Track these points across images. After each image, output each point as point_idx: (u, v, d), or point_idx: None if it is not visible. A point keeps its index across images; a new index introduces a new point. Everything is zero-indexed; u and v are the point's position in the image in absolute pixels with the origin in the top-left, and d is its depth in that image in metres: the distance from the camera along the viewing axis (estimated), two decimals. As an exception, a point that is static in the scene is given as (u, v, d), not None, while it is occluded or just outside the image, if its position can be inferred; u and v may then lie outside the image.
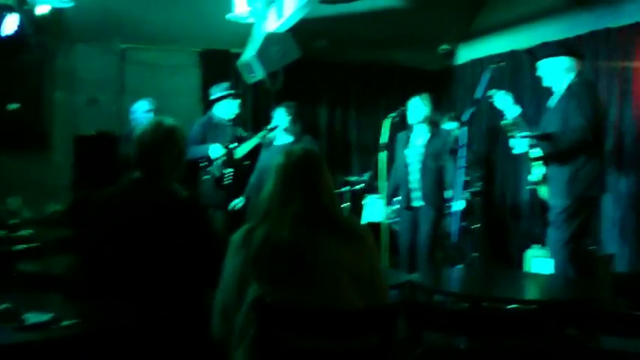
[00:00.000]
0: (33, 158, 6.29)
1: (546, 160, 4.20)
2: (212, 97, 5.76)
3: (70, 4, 4.88)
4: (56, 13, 5.55)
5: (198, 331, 2.33)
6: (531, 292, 3.55)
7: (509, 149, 4.52)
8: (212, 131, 5.62)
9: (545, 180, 4.26)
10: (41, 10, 5.11)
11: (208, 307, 2.33)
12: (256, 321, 2.02)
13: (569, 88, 4.13)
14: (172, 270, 2.34)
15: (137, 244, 2.33)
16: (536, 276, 4.22)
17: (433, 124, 5.20)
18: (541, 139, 4.16)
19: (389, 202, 5.36)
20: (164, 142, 2.48)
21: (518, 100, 6.40)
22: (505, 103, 4.35)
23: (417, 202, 5.15)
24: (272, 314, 2.02)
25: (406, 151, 5.23)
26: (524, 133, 4.22)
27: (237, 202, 5.43)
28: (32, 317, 2.12)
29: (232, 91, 5.70)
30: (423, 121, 5.17)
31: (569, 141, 4.01)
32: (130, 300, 2.30)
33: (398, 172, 5.30)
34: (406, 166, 5.21)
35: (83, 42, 6.47)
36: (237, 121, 5.81)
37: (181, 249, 2.36)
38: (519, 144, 4.29)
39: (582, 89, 4.09)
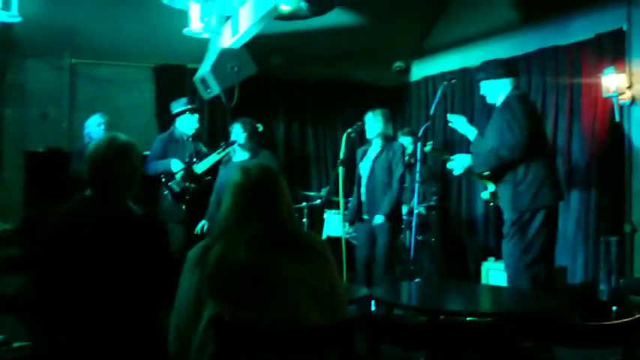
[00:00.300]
0: (-18, 175, 6.11)
1: (493, 176, 4.28)
2: (172, 113, 5.71)
3: (18, 19, 4.76)
4: (5, 27, 5.42)
5: (152, 351, 2.28)
6: (488, 305, 3.60)
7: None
8: (173, 146, 5.57)
9: (496, 196, 4.34)
10: (-11, 24, 4.98)
11: (163, 326, 2.28)
12: (214, 339, 1.98)
13: (504, 103, 4.21)
14: (126, 289, 2.29)
15: (89, 263, 2.27)
16: (492, 288, 4.28)
17: (386, 139, 5.27)
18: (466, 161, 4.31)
19: (350, 217, 5.39)
20: (117, 158, 2.42)
21: (470, 115, 6.60)
22: (462, 125, 4.44)
23: (365, 216, 5.21)
24: (230, 332, 1.99)
25: (360, 165, 5.29)
26: (447, 157, 4.41)
27: (203, 224, 5.36)
28: (-19, 340, 2.04)
29: (190, 106, 5.65)
30: (377, 136, 5.24)
31: (498, 157, 4.09)
32: (82, 321, 2.24)
33: (356, 186, 5.35)
34: (359, 179, 5.28)
35: (33, 57, 6.35)
36: (197, 136, 5.76)
37: (135, 268, 2.30)
38: (454, 166, 4.38)
39: (513, 103, 4.14)
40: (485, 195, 4.48)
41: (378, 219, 5.05)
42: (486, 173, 4.30)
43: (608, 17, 5.27)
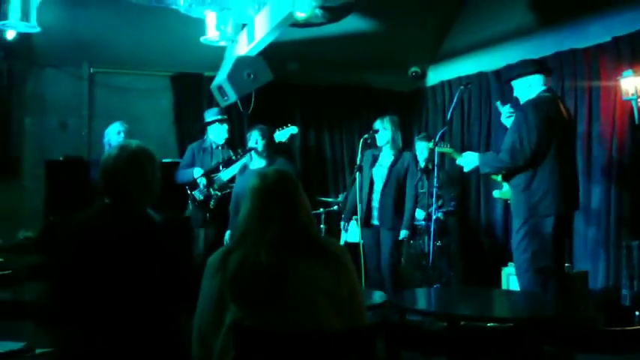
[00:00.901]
0: (3, 184, 6.18)
1: (504, 177, 4.27)
2: (204, 121, 5.78)
3: (37, 30, 4.83)
4: (24, 37, 5.50)
5: (174, 356, 2.29)
6: (508, 310, 3.57)
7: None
8: (201, 155, 5.66)
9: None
10: (9, 35, 5.05)
11: (184, 332, 2.29)
12: (235, 345, 1.99)
13: (524, 104, 4.16)
14: (145, 296, 2.30)
15: (109, 271, 2.28)
16: (512, 294, 4.25)
17: (398, 147, 5.28)
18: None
19: (348, 216, 5.42)
20: (129, 166, 2.43)
21: (487, 120, 6.57)
22: (508, 120, 4.37)
23: (375, 222, 5.21)
24: (251, 338, 2.00)
25: (373, 170, 5.28)
26: (455, 154, 4.51)
27: (230, 235, 5.40)
28: (4, 346, 2.06)
29: (219, 117, 5.70)
30: (387, 143, 5.24)
31: (500, 161, 4.06)
32: (103, 327, 2.25)
33: (363, 190, 5.30)
34: (372, 184, 5.27)
35: (52, 66, 6.42)
36: (229, 144, 5.80)
37: (154, 274, 2.32)
38: (464, 163, 4.39)
39: (527, 108, 4.08)
40: (495, 193, 4.47)
41: (404, 233, 5.16)
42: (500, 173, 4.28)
43: (625, 20, 5.23)
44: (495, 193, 4.49)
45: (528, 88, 4.19)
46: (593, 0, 5.48)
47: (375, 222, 5.22)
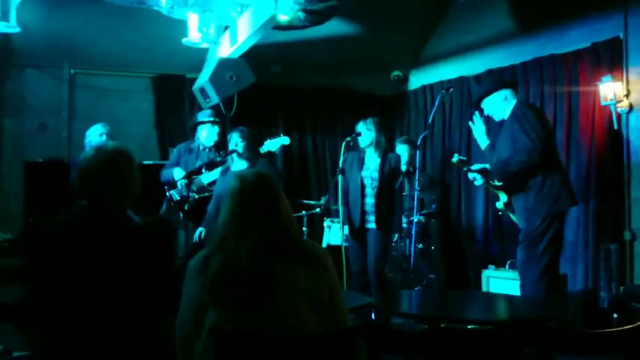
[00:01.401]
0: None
1: (507, 187, 4.30)
2: (193, 123, 5.75)
3: (17, 30, 4.78)
4: (4, 38, 5.44)
5: (154, 359, 2.28)
6: (488, 313, 3.59)
7: (464, 173, 4.62)
8: (186, 156, 5.63)
9: (510, 206, 4.35)
10: (-12, 35, 5.00)
11: (166, 334, 2.27)
12: (215, 348, 1.98)
13: (512, 113, 4.25)
14: (125, 298, 2.28)
15: (87, 273, 2.26)
16: (492, 296, 4.28)
17: (382, 148, 5.27)
18: (482, 174, 4.31)
19: (344, 224, 5.37)
20: (106, 168, 2.39)
21: (467, 124, 6.62)
22: (480, 132, 4.45)
23: (370, 225, 5.18)
24: (231, 341, 1.99)
25: (363, 173, 5.25)
26: (473, 167, 4.37)
27: (200, 231, 5.35)
28: (-20, 350, 2.04)
29: (211, 119, 5.67)
30: (370, 145, 5.23)
31: (516, 163, 4.10)
32: (81, 330, 2.23)
33: (347, 195, 5.28)
34: (363, 188, 5.23)
35: (32, 67, 6.36)
36: (217, 147, 5.76)
37: (133, 276, 2.29)
38: (476, 176, 4.39)
39: (523, 111, 4.19)
40: (499, 205, 4.49)
41: (396, 237, 5.15)
42: (500, 184, 4.32)
43: (604, 26, 5.30)
44: (499, 205, 4.51)
45: (504, 101, 4.29)
46: (573, 6, 5.55)
47: (372, 225, 5.17)
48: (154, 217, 5.25)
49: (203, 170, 5.39)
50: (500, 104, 4.31)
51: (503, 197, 4.36)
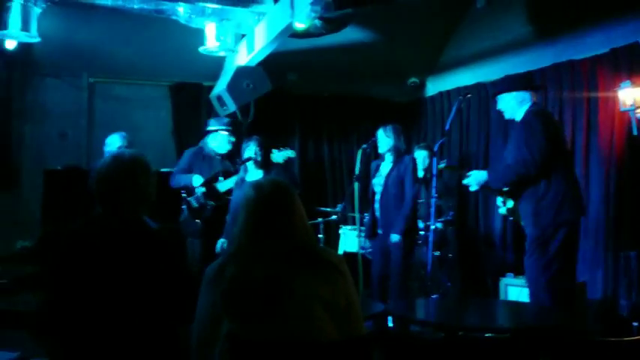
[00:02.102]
0: (2, 193, 6.18)
1: (511, 193, 4.26)
2: (207, 129, 5.74)
3: (37, 40, 4.85)
4: (25, 47, 5.52)
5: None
6: (506, 321, 3.56)
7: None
8: (199, 162, 5.60)
9: (516, 211, 4.30)
10: (9, 45, 5.08)
11: (182, 341, 2.28)
12: (230, 355, 1.98)
13: (522, 119, 4.20)
14: (142, 305, 2.29)
15: (103, 280, 2.27)
16: (510, 304, 4.24)
17: (398, 153, 5.25)
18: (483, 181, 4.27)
19: (368, 232, 5.37)
20: (123, 176, 2.42)
21: (485, 131, 6.58)
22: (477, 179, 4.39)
23: (380, 230, 5.19)
24: (247, 349, 1.99)
25: (374, 180, 5.28)
26: (469, 174, 4.35)
27: (222, 242, 5.37)
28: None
29: (226, 127, 5.66)
30: (389, 151, 5.23)
31: (515, 173, 4.08)
32: (98, 337, 2.25)
33: (369, 202, 5.33)
34: (373, 194, 5.26)
35: (52, 76, 6.44)
36: (228, 156, 5.77)
37: (150, 282, 2.31)
38: (470, 182, 4.35)
39: (532, 119, 4.13)
40: (502, 210, 4.46)
41: (394, 237, 5.04)
42: (505, 189, 4.28)
43: (623, 31, 5.25)
44: (502, 210, 4.48)
45: (519, 103, 4.24)
46: (591, 11, 5.50)
47: (379, 231, 5.19)
48: (164, 225, 5.25)
49: (220, 179, 5.41)
50: (514, 105, 4.26)
51: (509, 203, 4.32)
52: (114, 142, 5.53)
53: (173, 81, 6.89)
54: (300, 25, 4.50)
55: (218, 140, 5.65)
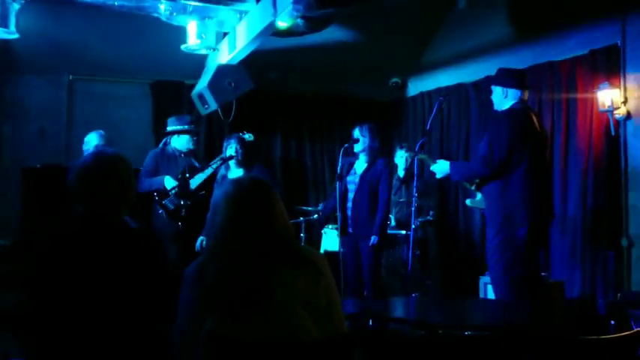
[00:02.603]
0: (-21, 191, 6.10)
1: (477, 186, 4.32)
2: (168, 129, 5.68)
3: (16, 36, 4.79)
4: (3, 44, 5.45)
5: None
6: (485, 319, 3.59)
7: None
8: (165, 162, 5.53)
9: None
10: (-14, 41, 5.02)
11: (162, 341, 2.27)
12: (212, 356, 1.98)
13: (497, 114, 4.25)
14: (123, 304, 2.28)
15: (85, 279, 2.26)
16: (490, 302, 4.28)
17: (373, 154, 5.27)
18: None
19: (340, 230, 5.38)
20: (106, 175, 2.40)
21: (466, 131, 6.63)
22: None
23: (350, 230, 5.20)
24: (228, 348, 1.99)
25: (348, 178, 5.28)
26: (438, 161, 4.45)
27: (201, 240, 5.32)
28: (-23, 356, 2.03)
29: (187, 127, 5.62)
30: (363, 151, 5.24)
31: (470, 170, 4.13)
32: (79, 336, 2.23)
33: (338, 199, 5.29)
34: (346, 193, 5.26)
35: (31, 73, 6.36)
36: (191, 152, 5.75)
37: (131, 282, 2.29)
38: (436, 170, 4.43)
39: (501, 118, 4.17)
40: (468, 202, 4.52)
41: (373, 240, 5.08)
42: (467, 183, 4.35)
43: (602, 33, 5.32)
44: (468, 202, 4.55)
45: (504, 98, 4.26)
46: (571, 13, 5.57)
47: (350, 230, 5.20)
48: (142, 226, 5.19)
49: (187, 176, 5.33)
50: (500, 98, 4.29)
51: (478, 195, 4.38)
52: (92, 141, 5.48)
53: (154, 79, 6.83)
54: (282, 24, 4.50)
55: (181, 140, 5.61)
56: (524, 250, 4.01)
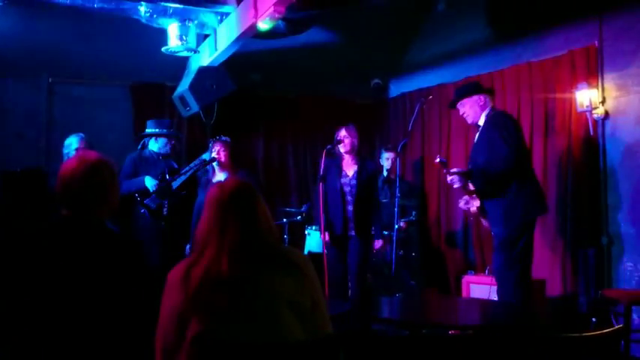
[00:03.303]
0: (-44, 196, 6.00)
1: (480, 192, 4.34)
2: (147, 131, 5.64)
3: (-6, 39, 4.74)
4: (-19, 47, 5.39)
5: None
6: (469, 318, 3.62)
7: (443, 179, 4.66)
8: (143, 164, 5.49)
9: (483, 211, 4.38)
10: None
11: (143, 345, 2.26)
12: (197, 357, 1.97)
13: (489, 119, 4.34)
14: (105, 308, 2.27)
15: (67, 283, 2.24)
16: (473, 302, 4.31)
17: (360, 155, 5.30)
18: (466, 176, 4.33)
19: (323, 232, 5.36)
20: (87, 178, 2.38)
21: (447, 132, 6.67)
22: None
23: (351, 232, 5.19)
24: (213, 351, 1.98)
25: (342, 181, 5.27)
26: (453, 170, 4.39)
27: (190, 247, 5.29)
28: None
29: (166, 131, 5.59)
30: (348, 152, 5.25)
31: (494, 169, 4.16)
32: (59, 341, 2.21)
33: (331, 202, 5.29)
34: (344, 196, 5.24)
35: (10, 76, 6.28)
36: (169, 155, 5.70)
37: (114, 287, 2.28)
38: (455, 180, 4.40)
39: (503, 119, 4.32)
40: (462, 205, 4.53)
41: (378, 243, 5.23)
42: (472, 189, 4.36)
43: (580, 34, 5.39)
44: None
45: (481, 107, 4.40)
46: (550, 14, 5.63)
47: (353, 233, 5.18)
48: (123, 228, 5.15)
49: (167, 178, 5.31)
50: (477, 108, 4.40)
51: (476, 202, 4.41)
52: (72, 144, 5.43)
53: (134, 81, 6.76)
54: (263, 26, 4.50)
55: (158, 143, 5.59)
56: (527, 246, 4.17)
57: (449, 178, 4.41)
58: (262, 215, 2.24)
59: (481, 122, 4.40)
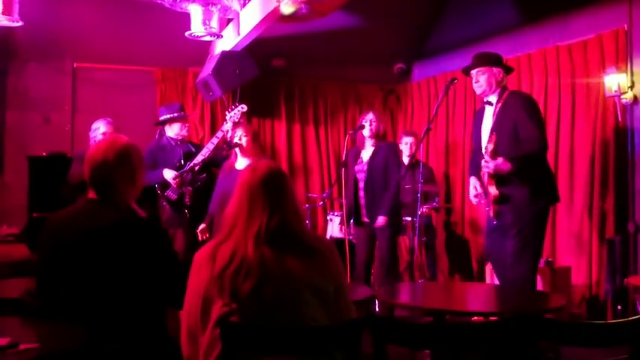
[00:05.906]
0: (-15, 180, 6.12)
1: (512, 174, 4.19)
2: (161, 119, 5.62)
3: (19, 24, 4.78)
4: (6, 32, 5.44)
5: (159, 351, 2.29)
6: (493, 304, 3.59)
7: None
8: (161, 154, 5.43)
9: (502, 197, 4.23)
10: (-10, 29, 5.00)
11: (171, 327, 2.28)
12: (221, 339, 1.99)
13: (509, 99, 4.15)
14: (131, 290, 2.29)
15: (94, 266, 2.27)
16: (496, 288, 4.28)
17: (379, 139, 5.22)
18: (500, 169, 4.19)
19: (347, 219, 5.33)
20: (117, 161, 2.41)
21: (471, 117, 6.60)
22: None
23: (367, 219, 5.15)
24: (237, 332, 2.00)
25: (357, 167, 5.24)
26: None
27: (201, 228, 5.26)
28: (-13, 342, 2.05)
29: (177, 115, 5.54)
30: (371, 137, 5.19)
31: (527, 151, 4.03)
32: (89, 322, 2.24)
33: (348, 189, 5.28)
34: (357, 182, 5.22)
35: (35, 61, 6.35)
36: (187, 139, 5.65)
37: (140, 269, 2.31)
38: (489, 167, 4.16)
39: (530, 100, 4.21)
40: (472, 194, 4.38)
41: (381, 220, 5.01)
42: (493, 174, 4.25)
43: (609, 17, 5.28)
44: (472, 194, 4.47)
45: (498, 81, 4.21)
46: (577, -4, 5.53)
47: (366, 219, 5.16)
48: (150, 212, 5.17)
49: (182, 162, 5.27)
50: (492, 81, 4.20)
51: (491, 189, 4.23)
52: (99, 128, 5.47)
53: (158, 66, 6.80)
54: (286, 10, 4.48)
55: (173, 128, 5.56)
56: (543, 232, 4.16)
57: (484, 167, 4.16)
58: (291, 200, 2.25)
59: (492, 99, 4.21)
